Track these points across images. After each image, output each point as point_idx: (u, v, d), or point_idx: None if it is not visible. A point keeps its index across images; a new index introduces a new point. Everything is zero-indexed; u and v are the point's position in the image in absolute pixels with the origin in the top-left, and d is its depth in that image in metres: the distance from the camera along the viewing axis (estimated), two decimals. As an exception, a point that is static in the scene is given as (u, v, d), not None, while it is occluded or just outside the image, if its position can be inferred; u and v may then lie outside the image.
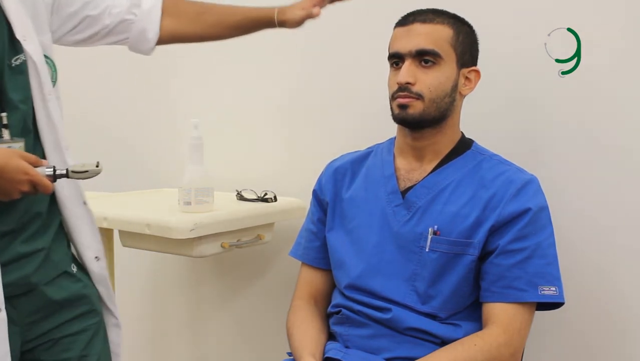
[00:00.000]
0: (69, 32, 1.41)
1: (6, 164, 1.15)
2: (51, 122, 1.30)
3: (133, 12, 1.44)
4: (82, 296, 1.37)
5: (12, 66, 1.26)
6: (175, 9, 1.47)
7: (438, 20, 1.38)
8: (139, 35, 1.46)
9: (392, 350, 1.37)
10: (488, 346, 1.30)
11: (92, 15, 1.41)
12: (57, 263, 1.33)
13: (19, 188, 1.17)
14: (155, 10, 1.45)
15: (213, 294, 2.23)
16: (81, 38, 1.43)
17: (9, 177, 1.16)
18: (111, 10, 1.42)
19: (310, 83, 1.91)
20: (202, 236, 1.69)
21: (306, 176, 1.73)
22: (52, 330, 1.33)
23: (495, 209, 1.34)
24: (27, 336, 1.30)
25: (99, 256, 1.40)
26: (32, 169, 1.17)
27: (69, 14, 1.39)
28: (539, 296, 1.32)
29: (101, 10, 1.41)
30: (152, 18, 1.45)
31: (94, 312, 1.39)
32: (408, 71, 1.36)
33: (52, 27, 1.36)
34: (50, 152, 1.31)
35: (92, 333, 1.38)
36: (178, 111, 2.20)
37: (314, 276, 1.54)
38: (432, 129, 1.40)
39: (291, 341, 1.45)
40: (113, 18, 1.42)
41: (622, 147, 1.53)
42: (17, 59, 1.26)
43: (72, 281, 1.36)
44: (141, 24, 1.45)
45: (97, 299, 1.41)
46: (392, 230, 1.40)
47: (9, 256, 1.24)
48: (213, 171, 1.81)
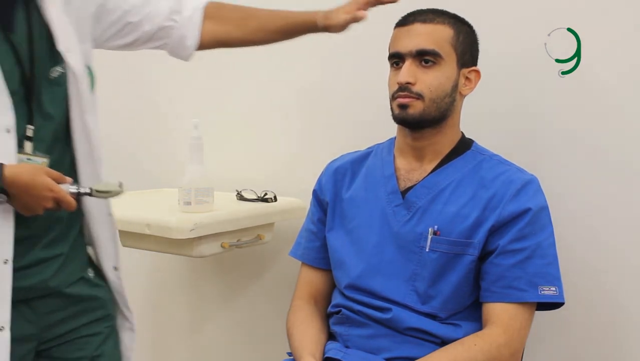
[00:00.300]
0: (111, 38, 1.42)
1: (33, 181, 1.16)
2: (87, 133, 1.31)
3: (173, 18, 1.44)
4: (98, 301, 1.39)
5: (49, 78, 1.26)
6: (219, 13, 1.47)
7: (438, 20, 1.38)
8: (178, 41, 1.46)
9: (392, 350, 1.37)
10: (488, 346, 1.30)
11: (133, 22, 1.41)
12: (74, 268, 1.35)
13: (43, 204, 1.19)
14: (195, 18, 1.45)
15: (213, 295, 2.23)
16: (122, 43, 1.44)
17: (35, 193, 1.17)
18: (152, 16, 1.43)
19: (310, 83, 1.91)
20: (202, 236, 1.69)
21: (306, 176, 1.73)
22: (69, 332, 1.35)
23: (495, 209, 1.34)
24: (44, 337, 1.32)
25: (117, 267, 1.42)
26: (57, 186, 1.19)
27: (111, 22, 1.40)
28: (539, 296, 1.32)
29: (142, 17, 1.42)
30: (192, 25, 1.45)
31: (108, 316, 1.42)
32: (408, 70, 1.36)
33: (94, 35, 1.37)
34: (83, 162, 1.32)
35: (106, 335, 1.40)
36: (178, 111, 2.20)
37: (314, 276, 1.54)
38: (432, 129, 1.40)
39: (291, 341, 1.45)
40: (153, 24, 1.43)
41: (622, 147, 1.53)
42: (55, 71, 1.27)
43: (89, 286, 1.38)
44: (180, 31, 1.45)
45: (111, 304, 1.43)
46: (392, 230, 1.40)
47: (29, 261, 1.25)
48: (213, 171, 1.81)
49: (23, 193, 1.17)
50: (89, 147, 1.32)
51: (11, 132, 1.19)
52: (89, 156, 1.33)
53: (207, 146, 1.78)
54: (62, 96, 1.28)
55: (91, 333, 1.37)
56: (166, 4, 1.44)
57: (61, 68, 1.27)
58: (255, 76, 2.04)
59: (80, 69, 1.29)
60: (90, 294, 1.37)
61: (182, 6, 1.45)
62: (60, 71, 1.27)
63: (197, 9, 1.45)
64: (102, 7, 1.37)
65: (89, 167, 1.33)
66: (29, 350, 1.29)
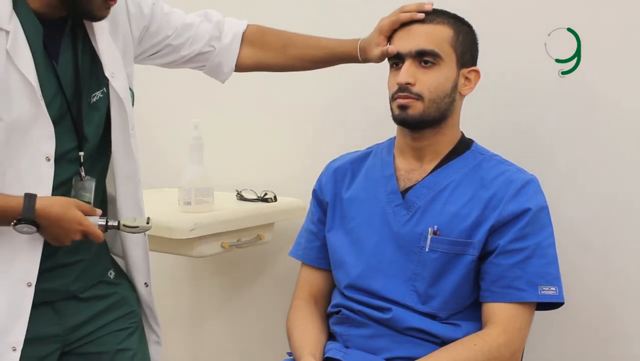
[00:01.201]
0: (150, 58, 1.47)
1: (64, 214, 1.19)
2: (130, 155, 1.36)
3: (212, 44, 1.49)
4: (120, 300, 1.42)
5: (90, 102, 1.30)
6: (262, 40, 1.52)
7: (438, 20, 1.38)
8: (216, 67, 1.52)
9: (392, 350, 1.37)
10: (488, 346, 1.29)
11: (173, 45, 1.46)
12: (95, 273, 1.38)
13: (71, 236, 1.22)
14: (234, 45, 1.51)
15: (213, 295, 2.23)
16: (160, 63, 1.50)
17: (65, 226, 1.20)
18: (192, 42, 1.47)
19: (310, 84, 1.91)
20: (202, 236, 1.69)
21: (306, 176, 1.73)
22: (94, 331, 1.38)
23: (495, 209, 1.34)
24: (69, 338, 1.34)
25: (148, 283, 1.46)
26: (86, 219, 1.22)
27: (153, 44, 1.44)
28: (539, 296, 1.32)
29: (183, 41, 1.47)
30: (230, 53, 1.51)
31: (132, 313, 1.45)
32: (408, 71, 1.36)
33: (135, 53, 1.42)
34: (122, 183, 1.36)
35: (130, 331, 1.43)
36: (178, 111, 2.20)
37: (314, 276, 1.54)
38: (432, 130, 1.40)
39: (291, 341, 1.45)
40: (192, 50, 1.48)
41: (622, 147, 1.53)
42: (95, 96, 1.31)
43: (109, 285, 1.41)
44: (218, 58, 1.51)
45: (135, 301, 1.46)
46: (392, 230, 1.40)
47: (52, 264, 1.28)
48: (213, 171, 1.81)
49: (54, 225, 1.20)
50: (132, 170, 1.37)
51: (51, 160, 1.22)
52: (130, 178, 1.37)
53: (207, 146, 1.78)
54: (99, 119, 1.32)
55: (116, 329, 1.40)
56: (206, 29, 1.49)
57: (101, 93, 1.31)
58: (255, 76, 2.03)
59: (125, 94, 1.33)
60: (110, 293, 1.40)
61: (221, 32, 1.50)
62: (100, 95, 1.31)
63: (237, 35, 1.51)
64: (146, 29, 1.42)
65: (129, 188, 1.37)
66: (53, 350, 1.31)
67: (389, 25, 1.39)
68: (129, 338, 1.42)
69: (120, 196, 1.37)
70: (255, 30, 1.54)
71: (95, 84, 1.31)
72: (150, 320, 1.50)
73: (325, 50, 1.51)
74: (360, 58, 1.48)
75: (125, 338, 1.41)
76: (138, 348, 1.44)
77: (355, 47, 1.47)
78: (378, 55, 1.41)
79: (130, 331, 1.43)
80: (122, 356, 1.40)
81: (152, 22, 1.42)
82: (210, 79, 1.61)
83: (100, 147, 1.34)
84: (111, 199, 1.41)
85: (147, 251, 1.47)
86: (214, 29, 1.50)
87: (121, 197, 1.37)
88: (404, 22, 1.38)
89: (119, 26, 1.35)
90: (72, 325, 1.34)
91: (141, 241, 1.44)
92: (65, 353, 1.35)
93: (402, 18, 1.38)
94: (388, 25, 1.39)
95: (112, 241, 1.48)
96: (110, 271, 1.43)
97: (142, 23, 1.40)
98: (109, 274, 1.42)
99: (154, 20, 1.42)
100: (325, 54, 1.51)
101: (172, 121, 2.23)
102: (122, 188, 1.36)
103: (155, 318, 1.50)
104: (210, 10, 1.53)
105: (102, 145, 1.34)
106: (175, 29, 1.45)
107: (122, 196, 1.37)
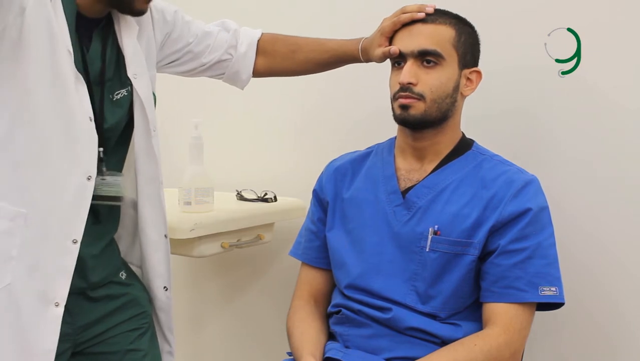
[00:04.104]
0: (170, 65, 1.51)
1: None
2: (152, 156, 1.38)
3: (230, 52, 1.55)
4: (132, 300, 1.43)
5: (113, 99, 1.32)
6: (272, 48, 1.58)
7: (440, 20, 1.38)
8: (234, 75, 1.57)
9: (392, 350, 1.37)
10: (488, 347, 1.29)
11: (194, 52, 1.51)
12: (104, 272, 1.38)
13: None
14: (249, 54, 1.56)
15: (213, 295, 2.23)
16: (179, 71, 1.54)
17: None
18: (211, 50, 1.53)
19: (310, 84, 1.91)
20: (202, 236, 1.69)
21: (306, 176, 1.73)
22: (105, 331, 1.39)
23: (496, 210, 1.34)
24: (80, 338, 1.35)
25: (167, 287, 1.47)
26: None
27: (174, 50, 1.49)
28: (540, 296, 1.32)
29: (203, 48, 1.52)
30: (246, 62, 1.56)
31: (143, 313, 1.45)
32: (410, 71, 1.36)
33: (157, 59, 1.45)
34: (144, 184, 1.38)
35: (142, 332, 1.44)
36: (178, 111, 2.20)
37: (314, 276, 1.54)
38: (433, 130, 1.40)
39: (291, 341, 1.45)
40: (212, 58, 1.53)
41: (622, 147, 1.53)
42: (118, 94, 1.33)
43: (119, 286, 1.41)
44: (236, 66, 1.56)
45: (147, 302, 1.46)
46: (392, 230, 1.40)
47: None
48: (213, 171, 1.81)
49: None
50: (154, 171, 1.38)
51: (91, 180, 1.24)
52: (152, 180, 1.38)
53: (207, 146, 1.78)
54: (119, 117, 1.34)
55: (127, 329, 1.41)
56: (224, 38, 1.54)
57: (126, 91, 1.34)
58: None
59: (147, 95, 1.35)
60: (122, 293, 1.41)
61: (237, 40, 1.55)
62: (124, 94, 1.34)
63: (252, 45, 1.56)
64: (168, 36, 1.46)
65: (151, 190, 1.39)
66: (64, 350, 1.32)
67: (390, 26, 1.40)
68: (139, 338, 1.42)
69: (142, 197, 1.38)
70: (268, 38, 1.58)
71: (118, 82, 1.33)
72: (164, 328, 1.50)
73: (329, 53, 1.54)
74: (362, 58, 1.50)
75: (136, 338, 1.42)
76: (149, 349, 1.44)
77: (357, 48, 1.49)
78: (380, 55, 1.42)
79: (142, 332, 1.43)
80: (133, 356, 1.41)
81: (174, 29, 1.46)
82: (210, 80, 1.62)
83: (117, 146, 1.37)
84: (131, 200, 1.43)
85: (169, 254, 1.47)
86: (232, 37, 1.55)
87: (143, 198, 1.38)
88: (405, 23, 1.39)
89: (143, 31, 1.38)
90: (82, 324, 1.34)
91: (164, 244, 1.44)
92: (76, 353, 1.36)
93: (403, 19, 1.38)
94: (389, 27, 1.40)
95: (127, 249, 1.48)
96: (122, 272, 1.43)
97: (165, 29, 1.44)
98: (120, 275, 1.43)
99: (175, 27, 1.47)
100: (329, 57, 1.55)
101: (172, 121, 2.22)
102: (144, 189, 1.38)
103: (170, 327, 1.50)
104: (227, 20, 1.58)
105: (119, 144, 1.37)
106: (196, 36, 1.50)
107: (144, 197, 1.38)
